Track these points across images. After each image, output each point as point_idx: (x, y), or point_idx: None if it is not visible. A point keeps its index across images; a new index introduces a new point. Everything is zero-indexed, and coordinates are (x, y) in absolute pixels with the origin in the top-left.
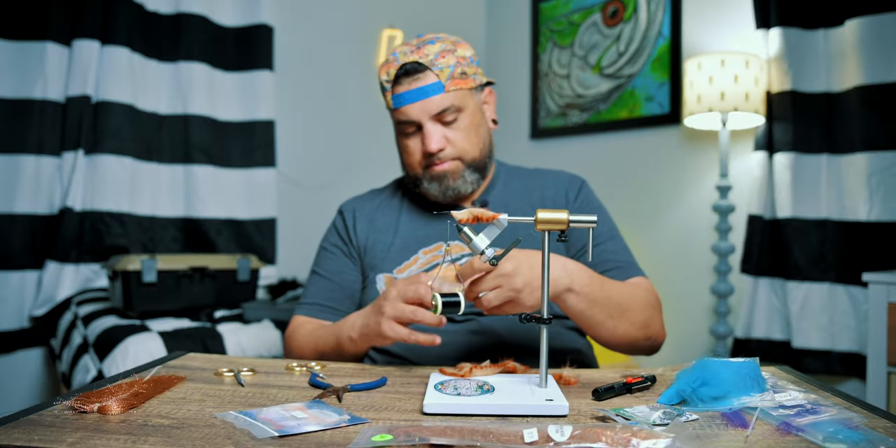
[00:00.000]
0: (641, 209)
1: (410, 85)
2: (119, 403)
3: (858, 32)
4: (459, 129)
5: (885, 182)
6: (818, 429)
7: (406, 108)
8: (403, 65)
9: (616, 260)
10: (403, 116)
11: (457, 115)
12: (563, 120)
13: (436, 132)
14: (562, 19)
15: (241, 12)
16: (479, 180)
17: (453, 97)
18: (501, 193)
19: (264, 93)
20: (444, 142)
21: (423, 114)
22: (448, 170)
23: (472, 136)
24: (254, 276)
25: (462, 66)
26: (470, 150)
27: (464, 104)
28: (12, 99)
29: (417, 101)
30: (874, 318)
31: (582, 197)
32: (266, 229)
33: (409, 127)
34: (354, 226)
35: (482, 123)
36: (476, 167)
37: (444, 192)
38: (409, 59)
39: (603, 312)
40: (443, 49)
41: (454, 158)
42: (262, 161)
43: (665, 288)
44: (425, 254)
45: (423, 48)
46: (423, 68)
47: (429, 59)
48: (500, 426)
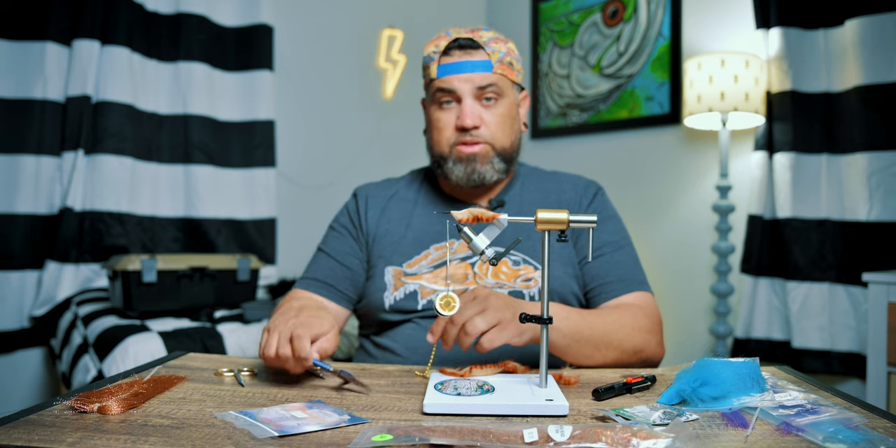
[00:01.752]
0: (641, 209)
1: (462, 57)
2: (119, 403)
3: (858, 32)
4: (496, 114)
5: (885, 182)
6: (818, 429)
7: (451, 77)
8: (457, 39)
9: (619, 272)
10: (446, 84)
11: (497, 98)
12: (563, 120)
13: (475, 108)
14: (562, 19)
15: (241, 12)
16: (504, 171)
17: (498, 79)
18: (518, 194)
19: (264, 93)
20: (480, 120)
21: (467, 85)
22: (478, 152)
23: (506, 126)
24: (254, 276)
25: (511, 57)
26: (502, 138)
27: (505, 91)
28: (12, 99)
29: (465, 73)
30: (874, 318)
31: (596, 204)
32: (266, 229)
33: (446, 96)
34: (366, 211)
35: (517, 119)
36: (504, 158)
37: (469, 176)
38: (464, 35)
39: (587, 346)
40: (496, 36)
41: (485, 142)
42: (262, 161)
43: (665, 288)
44: (437, 250)
45: (477, 31)
46: (477, 45)
47: (483, 40)
48: (500, 426)
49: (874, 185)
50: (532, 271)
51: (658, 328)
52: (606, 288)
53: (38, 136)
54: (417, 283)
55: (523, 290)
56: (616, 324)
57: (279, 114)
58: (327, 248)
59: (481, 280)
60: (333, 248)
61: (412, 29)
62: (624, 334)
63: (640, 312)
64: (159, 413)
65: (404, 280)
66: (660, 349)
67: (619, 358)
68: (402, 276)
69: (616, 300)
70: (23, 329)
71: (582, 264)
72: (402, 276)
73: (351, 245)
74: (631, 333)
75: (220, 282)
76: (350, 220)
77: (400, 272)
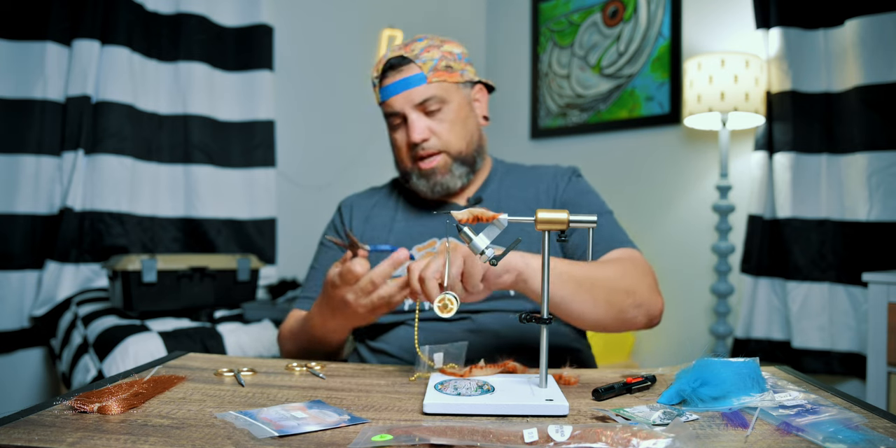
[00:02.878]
0: (641, 209)
1: (394, 77)
2: (119, 403)
3: (858, 32)
4: (444, 121)
5: (885, 182)
6: (818, 429)
7: (391, 99)
8: (389, 60)
9: (600, 236)
10: (389, 108)
11: (441, 106)
12: (563, 120)
13: (420, 123)
14: (562, 19)
15: (240, 12)
16: (468, 174)
17: (436, 88)
18: (496, 190)
19: (264, 93)
20: (428, 132)
21: (407, 103)
22: (436, 166)
23: (457, 129)
24: (254, 276)
25: (447, 60)
26: (455, 143)
27: (448, 97)
28: (12, 99)
29: (401, 92)
30: (874, 318)
31: (572, 183)
32: (266, 229)
33: (395, 119)
34: (350, 222)
35: (469, 117)
36: (463, 161)
37: (433, 189)
38: (394, 54)
39: (570, 284)
40: (429, 45)
41: (439, 151)
42: (261, 161)
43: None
44: (419, 250)
45: (409, 45)
46: (407, 61)
47: (414, 54)
48: (500, 426)
49: (874, 185)
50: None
51: (649, 276)
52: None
53: (38, 136)
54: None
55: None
56: (601, 267)
57: (279, 114)
58: (319, 266)
59: None
60: (323, 263)
61: (412, 29)
62: (611, 273)
63: (627, 262)
64: (159, 413)
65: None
66: (655, 295)
67: (610, 298)
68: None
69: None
70: (23, 329)
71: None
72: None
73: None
74: (618, 274)
75: (220, 282)
76: (336, 234)
77: None
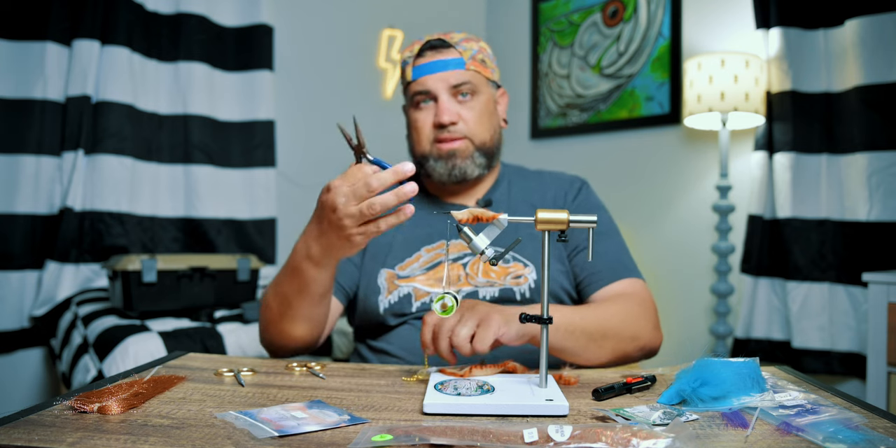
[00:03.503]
0: (641, 209)
1: (433, 57)
2: (119, 403)
3: (858, 32)
4: (473, 109)
5: (885, 182)
6: (818, 429)
7: (425, 78)
8: (429, 40)
9: (606, 261)
10: (420, 87)
11: (472, 95)
12: (563, 120)
13: (451, 105)
14: (562, 19)
15: (240, 12)
16: (485, 167)
17: (472, 76)
18: (505, 193)
19: (264, 93)
20: (457, 116)
21: (441, 83)
22: (458, 148)
23: (484, 120)
24: (254, 276)
25: (484, 55)
26: (480, 133)
27: (480, 88)
28: (12, 99)
29: (438, 72)
30: (874, 318)
31: (581, 197)
32: (266, 229)
33: (423, 97)
34: None
35: (494, 114)
36: (485, 152)
37: (450, 172)
38: (434, 37)
39: (582, 337)
40: (468, 37)
41: (464, 137)
42: (261, 161)
43: (665, 288)
44: (428, 251)
45: (449, 34)
46: (448, 45)
47: (454, 40)
48: (500, 426)
49: (874, 185)
50: (522, 268)
51: (652, 313)
52: (595, 277)
53: (38, 136)
54: (411, 285)
55: (514, 287)
56: (607, 313)
57: (279, 114)
58: None
59: (473, 280)
60: None
61: (412, 29)
62: (618, 322)
63: (631, 300)
64: (159, 413)
65: (397, 283)
66: (656, 333)
67: (616, 347)
68: (396, 279)
69: (606, 289)
70: (23, 329)
71: (571, 257)
72: (396, 279)
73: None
74: (625, 321)
75: (220, 282)
76: None
77: (393, 275)
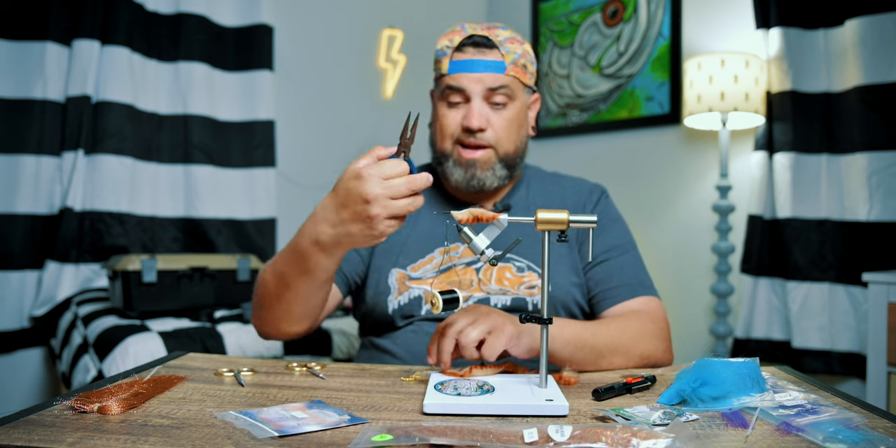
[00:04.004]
0: (641, 209)
1: (475, 55)
2: (119, 403)
3: (858, 32)
4: (504, 117)
5: (885, 182)
6: (818, 429)
7: (462, 75)
8: (473, 35)
9: (622, 277)
10: (455, 83)
11: (507, 102)
12: (563, 120)
13: (483, 110)
14: (562, 19)
15: (240, 12)
16: (506, 178)
17: (510, 81)
18: (524, 198)
19: (264, 93)
20: (487, 123)
21: (478, 85)
22: (479, 158)
23: (513, 130)
24: (254, 276)
25: (526, 59)
26: (507, 143)
27: (516, 94)
28: (12, 99)
29: (476, 72)
30: (874, 318)
31: (600, 207)
32: (266, 229)
33: (456, 95)
34: None
35: (524, 123)
36: (507, 163)
37: (469, 181)
38: (479, 32)
39: (591, 353)
40: (513, 36)
41: (489, 146)
42: (261, 161)
43: (665, 288)
44: (441, 254)
45: (494, 29)
46: (492, 45)
47: (499, 40)
48: (500, 426)
49: (874, 185)
50: (536, 278)
51: (665, 333)
52: (611, 293)
53: (38, 136)
54: (422, 288)
55: (527, 297)
56: (620, 331)
57: (279, 114)
58: None
59: (485, 286)
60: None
61: (412, 29)
62: (629, 340)
63: (645, 318)
64: (159, 413)
65: (408, 284)
66: (668, 355)
67: (625, 364)
68: (407, 279)
69: (620, 305)
70: (23, 329)
71: (586, 270)
72: (407, 279)
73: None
74: (636, 339)
75: (220, 282)
76: None
77: (404, 276)
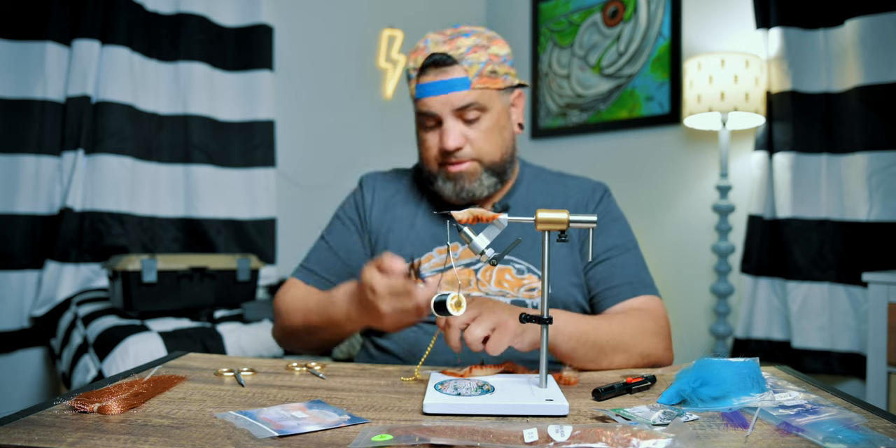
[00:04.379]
0: (641, 209)
1: (436, 76)
2: (119, 403)
3: (858, 32)
4: (481, 130)
5: (885, 182)
6: (818, 429)
7: (428, 99)
8: (432, 55)
9: (624, 276)
10: (424, 108)
11: (479, 115)
12: (563, 120)
13: (455, 129)
14: (562, 19)
15: (240, 12)
16: (496, 185)
17: (478, 95)
18: (524, 197)
19: (264, 93)
20: (463, 140)
21: (445, 107)
22: (465, 170)
23: (493, 138)
24: (254, 276)
25: (493, 64)
26: (489, 153)
27: (489, 104)
28: (12, 99)
29: (441, 94)
30: (874, 318)
31: (602, 206)
32: (266, 229)
33: (429, 120)
34: (372, 204)
35: (506, 126)
36: (495, 171)
37: (458, 193)
38: (439, 49)
39: (592, 349)
40: (476, 43)
41: (472, 159)
42: (262, 161)
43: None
44: (440, 253)
45: (456, 40)
46: (452, 61)
47: (459, 53)
48: (500, 426)
49: (874, 185)
50: (536, 281)
51: (666, 332)
52: (612, 292)
53: (38, 136)
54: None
55: (526, 299)
56: (621, 327)
57: (279, 114)
58: (330, 240)
59: (484, 287)
60: (336, 240)
61: (412, 29)
62: (630, 338)
63: (646, 316)
64: (159, 413)
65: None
66: (668, 354)
67: (625, 362)
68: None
69: (622, 304)
70: (23, 329)
71: (587, 270)
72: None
73: (355, 240)
74: (638, 337)
75: (220, 282)
76: (357, 213)
77: None
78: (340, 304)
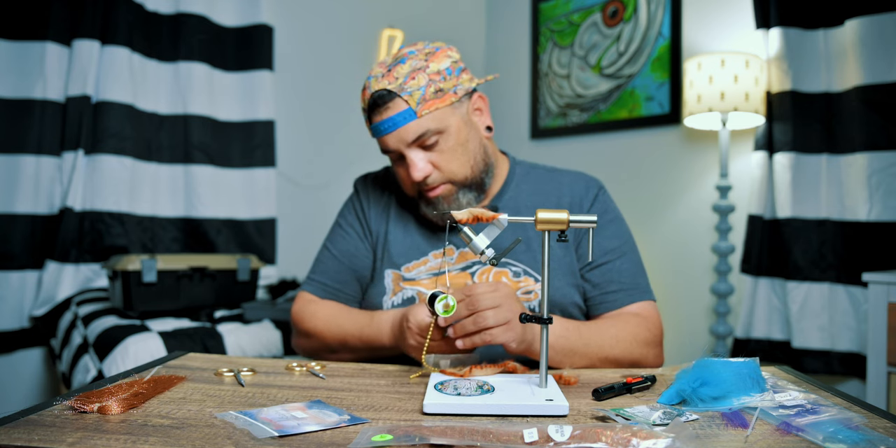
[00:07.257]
0: (641, 209)
1: (382, 115)
2: (119, 403)
3: (858, 32)
4: (444, 152)
5: (885, 182)
6: (818, 429)
7: (383, 138)
8: (373, 95)
9: (621, 281)
10: (383, 145)
11: (437, 138)
12: (563, 120)
13: (418, 160)
14: (562, 19)
15: (241, 12)
16: (477, 198)
17: (429, 121)
18: (513, 198)
19: (264, 93)
20: (430, 168)
21: (400, 143)
22: (441, 194)
23: (459, 156)
24: (254, 276)
25: (436, 83)
26: (459, 171)
27: (443, 125)
28: (12, 99)
29: (391, 132)
30: (874, 318)
31: (597, 206)
32: (266, 229)
33: (392, 155)
34: (369, 209)
35: (471, 138)
36: (470, 186)
37: (442, 216)
38: (378, 86)
39: (582, 360)
40: (413, 68)
41: (444, 182)
42: (261, 161)
43: (665, 288)
44: (435, 257)
45: (393, 70)
46: (392, 96)
47: (397, 84)
48: (500, 426)
49: (874, 185)
50: (532, 283)
51: (658, 340)
52: (608, 297)
53: (38, 136)
54: (415, 288)
55: (523, 302)
56: (614, 339)
57: (279, 114)
58: (334, 249)
59: None
60: (339, 248)
61: (412, 29)
62: (621, 350)
63: (641, 325)
64: (159, 413)
65: (402, 285)
66: (659, 361)
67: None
68: (401, 280)
69: (618, 311)
70: (23, 329)
71: (583, 271)
72: (401, 280)
73: (357, 246)
74: (629, 348)
75: (220, 282)
76: (356, 218)
77: (399, 276)
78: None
